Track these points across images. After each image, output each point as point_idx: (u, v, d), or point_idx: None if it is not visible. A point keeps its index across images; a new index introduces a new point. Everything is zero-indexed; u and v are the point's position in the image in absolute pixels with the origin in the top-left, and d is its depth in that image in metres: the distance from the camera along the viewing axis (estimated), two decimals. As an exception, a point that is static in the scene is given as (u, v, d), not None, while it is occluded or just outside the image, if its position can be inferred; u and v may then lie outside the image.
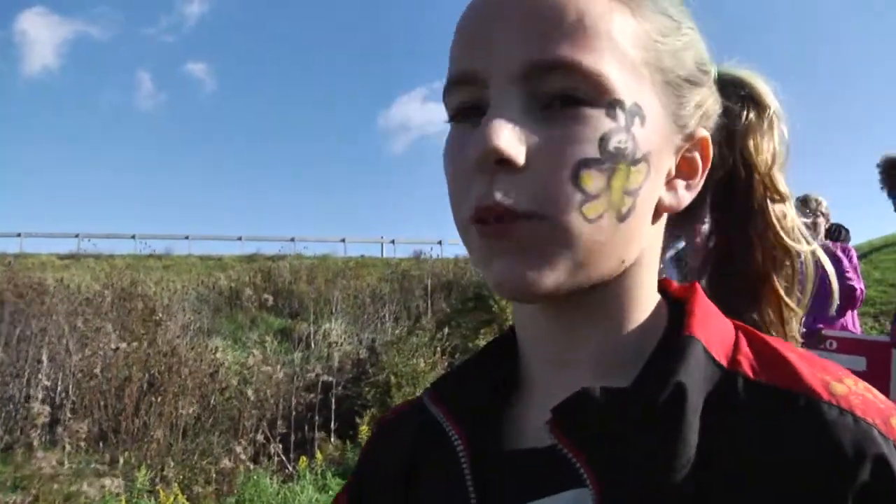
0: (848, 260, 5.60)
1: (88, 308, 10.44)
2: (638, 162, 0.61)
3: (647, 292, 0.70)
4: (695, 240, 0.83)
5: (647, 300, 0.70)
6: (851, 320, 5.88)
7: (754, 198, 0.78)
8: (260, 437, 8.22)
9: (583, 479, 0.59)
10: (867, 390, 0.61)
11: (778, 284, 0.77)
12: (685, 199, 0.69)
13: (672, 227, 0.77)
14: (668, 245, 0.81)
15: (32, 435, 7.53)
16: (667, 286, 0.75)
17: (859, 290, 5.49)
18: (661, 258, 0.74)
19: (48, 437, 7.83)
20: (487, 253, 0.62)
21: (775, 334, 0.77)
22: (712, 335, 0.65)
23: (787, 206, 0.79)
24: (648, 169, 0.62)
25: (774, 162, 0.78)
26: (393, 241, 27.01)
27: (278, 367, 9.54)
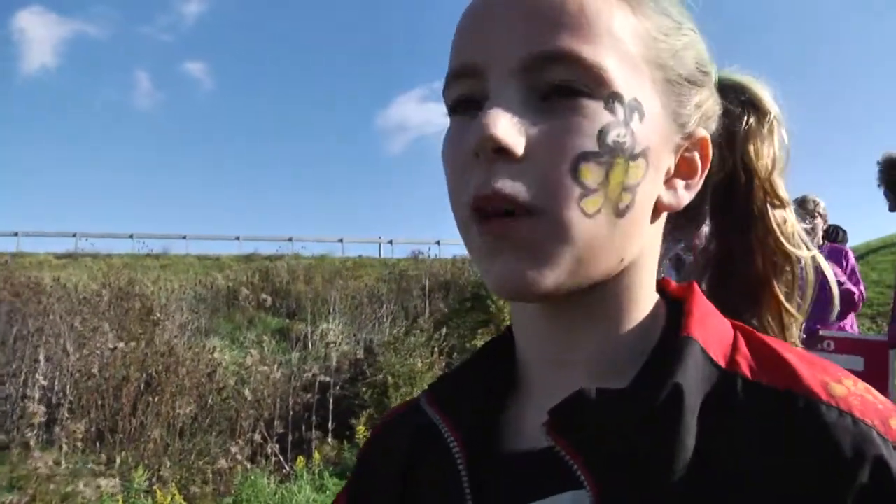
0: (846, 262, 5.60)
1: (86, 308, 10.42)
2: (636, 157, 0.61)
3: (646, 292, 0.70)
4: (694, 243, 0.83)
5: (645, 300, 0.70)
6: (849, 322, 5.88)
7: (754, 203, 0.78)
8: (257, 437, 8.22)
9: (580, 480, 0.59)
10: (867, 391, 0.60)
11: (778, 290, 0.77)
12: (684, 198, 0.69)
13: (672, 230, 0.77)
14: (668, 247, 0.81)
15: (29, 434, 7.53)
16: (665, 286, 0.74)
17: (857, 294, 5.48)
18: (660, 259, 0.74)
19: (45, 437, 7.83)
20: (488, 252, 0.62)
21: None
22: (710, 335, 0.65)
23: (788, 211, 0.79)
24: (647, 165, 0.62)
25: (774, 167, 0.78)
26: (391, 242, 27.01)
27: (276, 367, 9.56)
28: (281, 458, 8.17)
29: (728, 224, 0.79)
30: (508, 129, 0.59)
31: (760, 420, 0.58)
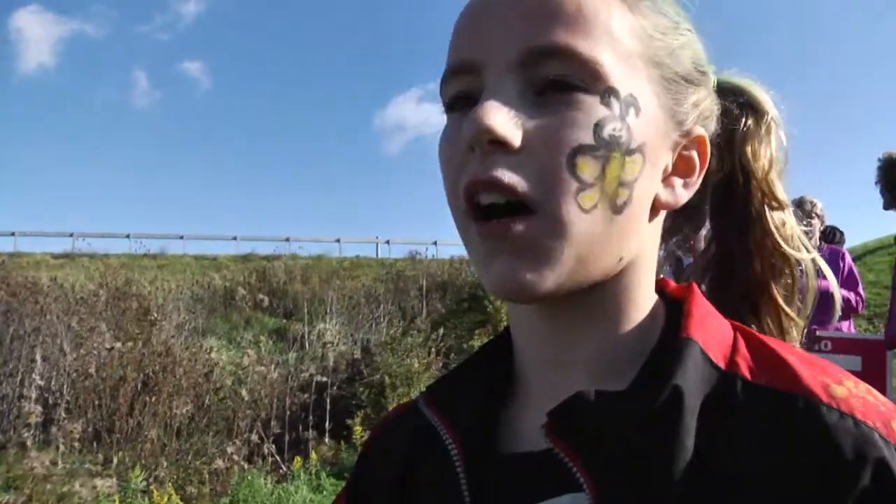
0: (843, 263, 5.60)
1: (83, 308, 10.41)
2: (633, 152, 0.61)
3: (645, 292, 0.70)
4: (693, 245, 0.82)
5: (644, 300, 0.69)
6: (846, 322, 5.88)
7: (752, 204, 0.77)
8: (254, 438, 8.20)
9: (579, 483, 0.59)
10: (868, 392, 0.60)
11: (776, 293, 0.77)
12: (682, 196, 0.69)
13: (671, 230, 0.77)
14: (667, 248, 0.81)
15: (25, 434, 7.51)
16: (664, 286, 0.74)
17: (854, 299, 5.48)
18: (659, 260, 0.74)
19: (42, 437, 7.81)
20: (486, 254, 0.62)
21: None
22: (710, 337, 0.65)
23: (787, 213, 0.78)
24: (644, 161, 0.62)
25: (772, 168, 0.78)
26: (388, 242, 27.05)
27: (273, 367, 9.54)
28: (278, 458, 8.15)
29: (726, 225, 0.79)
30: (504, 120, 0.59)
31: (760, 421, 0.58)
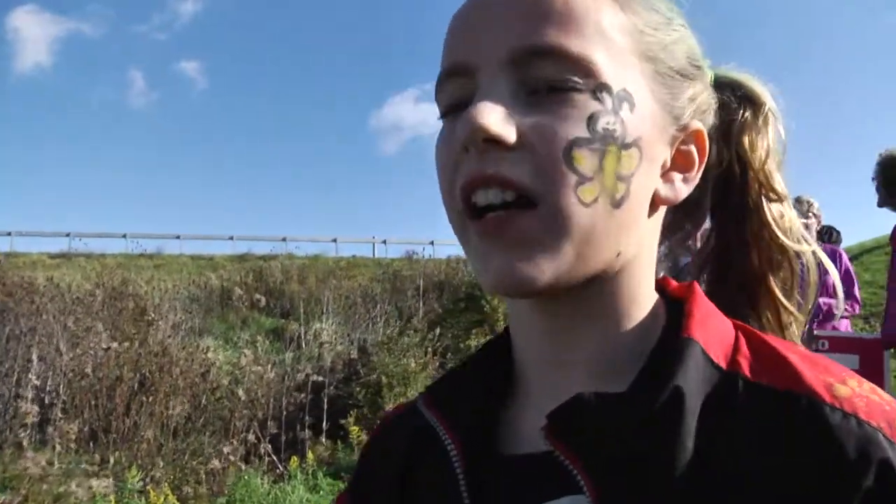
0: (839, 263, 5.60)
1: (79, 307, 10.39)
2: (629, 146, 0.61)
3: (645, 291, 0.69)
4: (692, 242, 0.82)
5: (644, 299, 0.69)
6: (844, 323, 5.89)
7: (749, 195, 0.77)
8: (251, 437, 8.19)
9: (579, 485, 0.58)
10: (872, 391, 0.60)
11: (774, 285, 0.76)
12: (682, 191, 0.69)
13: (672, 227, 0.77)
14: (667, 246, 0.80)
15: (22, 435, 7.49)
16: (665, 285, 0.74)
17: (847, 307, 5.48)
18: (659, 257, 0.74)
19: (38, 437, 7.79)
20: (484, 250, 0.62)
21: None
22: (711, 336, 0.64)
23: (785, 205, 0.78)
24: (640, 156, 0.62)
25: (769, 158, 0.78)
26: (385, 242, 27.05)
27: (269, 367, 9.52)
28: (274, 458, 8.14)
29: (725, 218, 0.79)
30: (498, 118, 0.59)
31: (761, 421, 0.58)
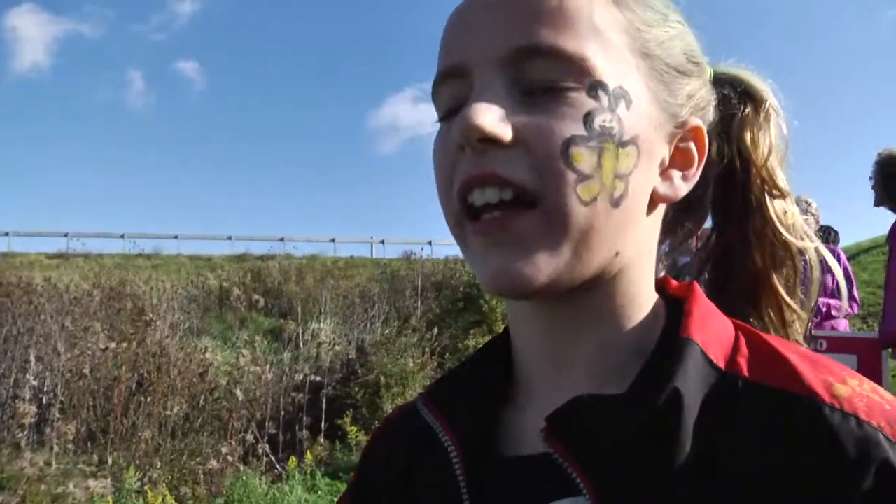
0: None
1: (77, 308, 10.37)
2: (626, 144, 0.61)
3: (644, 291, 0.69)
4: (696, 239, 0.81)
5: (644, 299, 0.69)
6: (843, 323, 5.89)
7: (752, 192, 0.76)
8: (249, 438, 8.19)
9: (579, 487, 0.58)
10: (873, 391, 0.59)
11: (777, 283, 0.75)
12: (681, 189, 0.68)
13: (673, 225, 0.76)
14: (668, 245, 0.80)
15: (19, 435, 7.48)
16: (665, 285, 0.74)
17: (845, 307, 5.49)
18: (658, 257, 0.73)
19: (36, 438, 7.78)
20: (483, 250, 0.62)
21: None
22: (711, 336, 0.64)
23: (788, 202, 0.77)
24: (638, 153, 0.62)
25: (771, 155, 0.77)
26: (383, 242, 27.01)
27: (267, 367, 9.51)
28: (272, 458, 8.13)
29: (727, 216, 0.78)
30: (493, 118, 0.59)
31: (760, 421, 0.57)
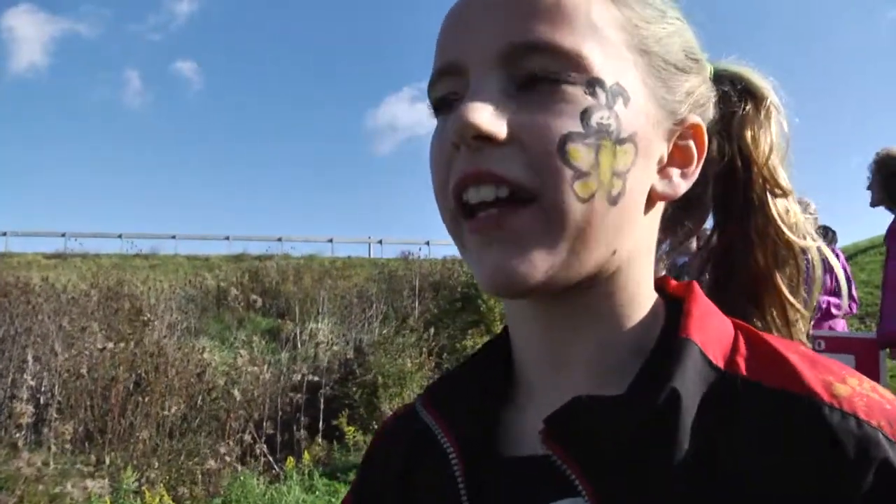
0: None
1: (74, 308, 10.36)
2: (624, 142, 0.61)
3: (643, 289, 0.69)
4: (697, 238, 0.81)
5: (643, 298, 0.68)
6: (841, 323, 5.90)
7: (754, 191, 0.76)
8: (247, 438, 8.18)
9: (577, 489, 0.58)
10: (873, 390, 0.59)
11: (780, 282, 0.75)
12: (680, 187, 0.68)
13: (673, 224, 0.76)
14: (668, 243, 0.80)
15: (17, 435, 7.47)
16: (665, 284, 0.73)
17: (844, 305, 5.49)
18: (657, 256, 0.73)
19: (33, 438, 7.77)
20: (478, 249, 0.61)
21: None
22: (710, 336, 0.64)
23: (790, 201, 0.76)
24: (636, 151, 0.62)
25: (772, 153, 0.76)
26: (380, 242, 27.03)
27: (265, 367, 9.50)
28: (270, 458, 8.13)
29: (728, 215, 0.77)
30: (487, 115, 0.58)
31: (760, 420, 0.57)
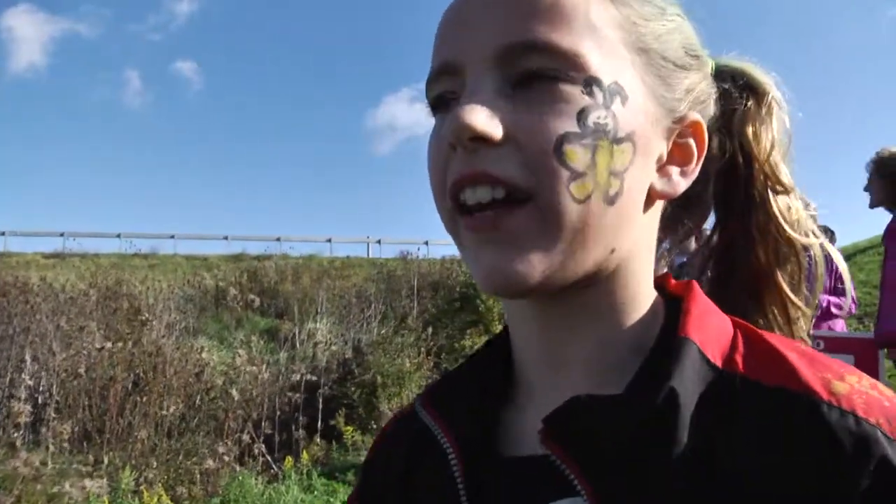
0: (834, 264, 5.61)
1: (73, 307, 10.36)
2: (621, 141, 0.60)
3: (643, 288, 0.68)
4: (697, 236, 0.81)
5: (642, 297, 0.68)
6: (840, 323, 5.90)
7: (755, 188, 0.75)
8: (245, 438, 8.18)
9: (577, 488, 0.58)
10: (872, 387, 0.58)
11: (781, 280, 0.74)
12: (680, 185, 0.67)
13: (673, 222, 0.76)
14: (667, 242, 0.79)
15: (15, 435, 7.47)
16: (664, 283, 0.73)
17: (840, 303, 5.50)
18: (657, 255, 0.72)
19: (32, 438, 7.77)
20: (475, 249, 0.61)
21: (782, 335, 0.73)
22: (708, 335, 0.63)
23: (792, 198, 0.76)
24: (634, 150, 0.61)
25: (774, 149, 0.76)
26: (379, 242, 27.03)
27: (264, 367, 9.51)
28: (269, 458, 8.13)
29: (729, 212, 0.77)
30: (482, 115, 0.58)
31: (759, 419, 0.57)
